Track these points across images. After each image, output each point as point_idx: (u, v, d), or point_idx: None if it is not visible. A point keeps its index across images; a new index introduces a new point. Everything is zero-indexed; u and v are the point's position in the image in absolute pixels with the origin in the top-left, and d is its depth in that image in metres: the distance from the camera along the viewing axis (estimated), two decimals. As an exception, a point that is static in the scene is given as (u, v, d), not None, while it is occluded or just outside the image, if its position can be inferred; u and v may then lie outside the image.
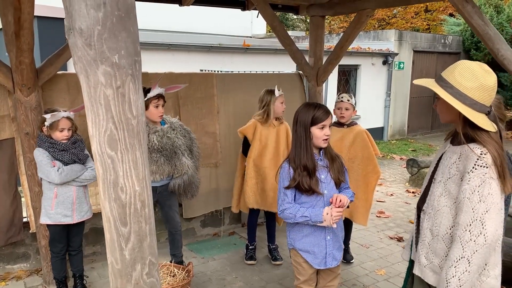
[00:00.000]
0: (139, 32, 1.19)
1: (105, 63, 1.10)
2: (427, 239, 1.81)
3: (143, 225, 1.23)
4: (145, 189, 1.22)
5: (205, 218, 4.41)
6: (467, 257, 1.60)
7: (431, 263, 1.79)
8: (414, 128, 11.63)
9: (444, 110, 1.76)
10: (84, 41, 1.09)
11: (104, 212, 1.21)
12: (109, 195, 1.18)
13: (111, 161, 1.16)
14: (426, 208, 1.84)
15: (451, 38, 11.95)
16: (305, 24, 25.16)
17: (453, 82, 1.66)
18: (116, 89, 1.12)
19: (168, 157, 3.08)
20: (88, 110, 1.14)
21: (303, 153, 2.19)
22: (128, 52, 1.12)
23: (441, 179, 1.77)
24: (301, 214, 2.19)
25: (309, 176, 2.17)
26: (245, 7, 4.47)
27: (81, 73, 1.13)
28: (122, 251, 1.22)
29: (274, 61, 8.45)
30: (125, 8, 1.11)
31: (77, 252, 3.17)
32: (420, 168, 6.57)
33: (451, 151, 1.78)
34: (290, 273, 3.57)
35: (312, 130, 2.19)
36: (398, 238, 4.40)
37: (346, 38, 4.03)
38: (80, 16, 1.08)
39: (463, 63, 1.69)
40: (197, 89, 4.05)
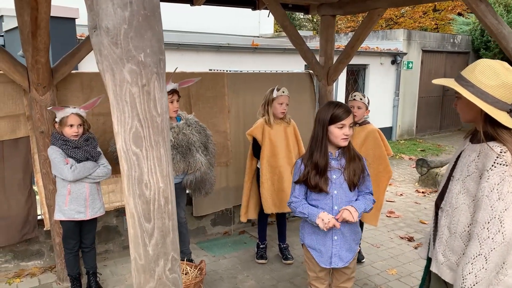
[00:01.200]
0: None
1: (131, 62, 1.12)
2: (445, 237, 1.81)
3: (166, 221, 1.24)
4: (169, 186, 1.24)
5: (215, 216, 4.43)
6: (484, 254, 1.60)
7: (448, 260, 1.79)
8: (423, 128, 11.58)
9: (465, 109, 1.76)
10: (111, 40, 1.11)
11: (128, 208, 1.23)
12: (134, 191, 1.20)
13: (136, 158, 1.18)
14: (444, 205, 1.84)
15: (460, 38, 11.88)
16: (312, 24, 25.12)
17: (474, 80, 1.66)
18: (142, 87, 1.14)
19: (183, 153, 3.10)
20: (114, 108, 1.16)
21: (317, 151, 2.19)
22: (153, 50, 1.14)
23: (459, 176, 1.77)
24: (301, 209, 2.22)
25: (319, 174, 2.18)
26: (256, 7, 4.49)
27: (106, 71, 1.15)
28: (146, 247, 1.23)
29: (282, 60, 8.46)
30: (150, 7, 1.12)
31: (90, 249, 3.21)
32: (430, 168, 6.54)
33: (470, 149, 1.77)
34: (301, 272, 3.58)
35: (331, 128, 2.18)
36: (408, 238, 4.39)
37: (357, 37, 4.03)
38: (107, 15, 1.10)
39: (483, 61, 1.69)
40: (208, 88, 4.07)
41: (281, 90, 3.49)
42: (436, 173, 6.37)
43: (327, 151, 2.20)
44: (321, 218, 2.14)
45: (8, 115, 3.18)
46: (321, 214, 2.16)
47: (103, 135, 3.52)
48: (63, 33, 6.13)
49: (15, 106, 3.20)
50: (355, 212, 2.15)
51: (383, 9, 3.75)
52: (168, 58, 4.76)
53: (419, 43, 10.85)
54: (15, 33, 5.56)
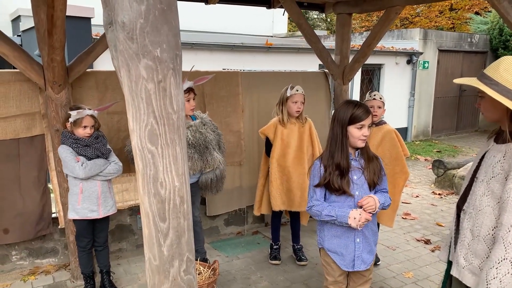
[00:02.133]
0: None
1: (147, 57, 1.09)
2: (467, 240, 1.75)
3: (181, 221, 1.22)
4: (184, 185, 1.21)
5: (228, 216, 4.41)
6: (509, 258, 1.54)
7: (470, 264, 1.73)
8: (439, 128, 11.39)
9: (490, 109, 1.70)
10: (126, 35, 1.08)
11: (143, 207, 1.20)
12: (149, 190, 1.17)
13: (151, 156, 1.15)
14: (467, 208, 1.78)
15: (478, 37, 11.66)
16: (326, 24, 24.97)
17: (499, 79, 1.60)
18: (158, 83, 1.11)
19: (200, 152, 3.09)
20: (129, 104, 1.14)
21: (337, 152, 2.14)
22: (170, 46, 1.11)
23: (484, 178, 1.70)
24: (327, 212, 2.15)
25: (341, 176, 2.13)
26: (271, 5, 4.45)
27: (122, 67, 1.12)
28: (161, 247, 1.21)
29: (296, 60, 8.40)
30: (167, 1, 1.10)
31: (103, 248, 3.21)
32: (447, 170, 6.41)
33: (495, 149, 1.71)
34: (315, 274, 3.53)
35: (350, 129, 2.14)
36: (425, 240, 4.29)
37: (373, 36, 3.96)
38: (122, 10, 1.07)
39: (507, 58, 1.63)
40: (222, 88, 4.04)
41: (295, 89, 3.44)
42: (453, 175, 6.24)
43: (348, 152, 2.16)
44: (352, 217, 2.09)
45: (24, 113, 3.20)
46: (352, 212, 2.10)
47: (117, 134, 3.52)
48: (79, 32, 6.18)
49: (31, 104, 3.21)
50: (374, 199, 2.10)
51: (401, 6, 3.67)
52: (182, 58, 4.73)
53: (436, 43, 10.68)
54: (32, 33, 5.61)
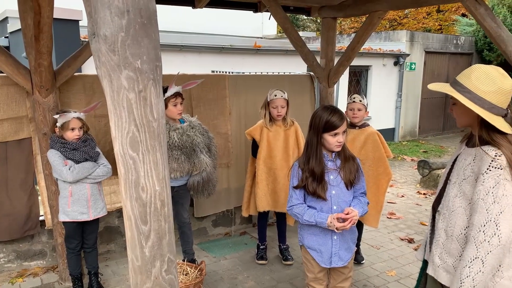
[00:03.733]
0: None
1: (128, 68, 1.15)
2: (442, 239, 1.83)
3: (162, 224, 1.27)
4: (165, 189, 1.27)
5: (216, 217, 4.47)
6: (481, 257, 1.62)
7: (445, 263, 1.81)
8: (426, 129, 11.57)
9: (462, 115, 1.78)
10: (108, 47, 1.14)
11: (125, 211, 1.26)
12: (131, 194, 1.23)
13: (132, 162, 1.21)
14: (441, 209, 1.86)
15: (464, 39, 11.86)
16: (316, 25, 25.13)
17: (471, 87, 1.68)
18: (138, 93, 1.17)
19: (187, 154, 3.15)
20: (111, 113, 1.19)
21: (312, 158, 2.22)
22: (150, 57, 1.17)
23: (456, 180, 1.79)
24: (307, 218, 2.23)
25: (316, 181, 2.21)
26: (257, 9, 4.52)
27: (104, 77, 1.18)
28: (142, 249, 1.26)
29: (285, 62, 8.48)
30: (147, 16, 1.15)
31: (92, 249, 3.25)
32: (432, 170, 6.54)
33: (466, 152, 1.80)
34: (301, 273, 3.60)
35: (325, 136, 2.21)
36: (409, 239, 4.40)
37: (357, 40, 4.05)
38: (104, 23, 1.13)
39: (479, 67, 1.71)
40: (209, 91, 4.10)
41: (274, 93, 3.50)
42: (438, 175, 6.37)
43: (323, 158, 2.23)
44: (329, 222, 2.18)
45: (11, 117, 3.23)
46: (330, 217, 2.18)
47: (105, 137, 3.56)
48: (67, 35, 6.19)
49: (18, 108, 3.24)
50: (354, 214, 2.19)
51: (383, 11, 3.77)
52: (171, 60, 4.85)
53: (422, 44, 10.85)
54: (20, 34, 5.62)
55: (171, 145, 3.08)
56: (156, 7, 1.22)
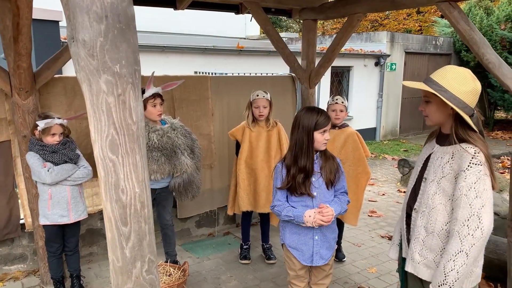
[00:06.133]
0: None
1: (107, 73, 1.17)
2: (421, 236, 1.88)
3: (142, 225, 1.30)
4: (145, 191, 1.29)
5: (200, 218, 4.48)
6: (465, 250, 1.68)
7: (426, 259, 1.87)
8: (406, 128, 11.78)
9: (435, 113, 1.84)
10: (87, 52, 1.16)
11: (105, 213, 1.28)
12: (111, 196, 1.25)
13: (112, 165, 1.23)
14: (419, 207, 1.91)
15: (442, 40, 12.11)
16: (298, 26, 25.28)
17: (447, 86, 1.75)
18: (117, 96, 1.19)
19: (168, 156, 3.15)
20: (91, 117, 1.21)
21: (304, 157, 2.27)
22: (129, 62, 1.19)
23: (434, 178, 1.84)
24: (285, 213, 2.29)
25: (306, 178, 2.26)
26: (239, 11, 4.54)
27: (84, 81, 1.20)
28: (123, 250, 1.28)
29: (267, 63, 8.53)
30: (125, 21, 1.18)
31: (73, 252, 3.23)
32: (411, 168, 6.67)
33: (441, 151, 1.86)
34: (283, 272, 3.65)
35: (314, 134, 2.28)
36: (389, 237, 4.49)
37: (337, 41, 4.12)
38: (83, 28, 1.15)
39: (453, 68, 1.79)
40: (192, 92, 4.12)
41: (256, 94, 3.55)
42: (418, 173, 6.51)
43: (313, 156, 2.29)
44: (307, 215, 2.23)
45: (-10, 119, 3.19)
46: (307, 212, 2.24)
47: (87, 139, 3.54)
48: (47, 36, 6.11)
49: (-3, 111, 3.20)
50: (331, 211, 2.24)
51: (362, 13, 3.84)
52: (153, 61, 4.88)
53: (402, 45, 11.04)
54: None
55: (151, 147, 3.08)
56: (135, 11, 1.24)
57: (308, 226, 2.27)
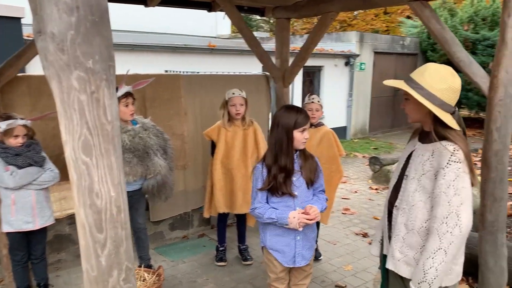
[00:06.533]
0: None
1: (78, 68, 1.09)
2: (402, 234, 1.88)
3: (119, 231, 1.22)
4: (121, 194, 1.22)
5: (173, 221, 4.38)
6: (444, 248, 1.68)
7: (406, 256, 1.87)
8: (375, 127, 12.00)
9: (414, 111, 1.85)
10: (56, 46, 1.07)
11: (78, 219, 1.19)
12: (84, 201, 1.17)
13: (85, 167, 1.15)
14: (399, 204, 1.91)
15: (409, 40, 12.42)
16: (269, 25, 25.35)
17: (424, 83, 1.75)
18: (91, 94, 1.11)
19: (140, 157, 3.05)
20: (61, 116, 1.13)
21: (283, 156, 2.23)
22: (102, 57, 1.12)
23: (414, 175, 1.85)
24: (268, 215, 2.24)
25: (286, 177, 2.23)
26: (211, 9, 4.47)
27: (53, 78, 1.11)
28: (98, 258, 1.20)
29: (239, 62, 8.48)
30: (99, 13, 1.10)
31: (40, 260, 3.07)
32: (382, 166, 6.79)
33: (422, 148, 1.86)
34: (260, 273, 3.61)
35: (294, 133, 2.25)
36: (363, 234, 4.53)
37: (310, 41, 4.11)
38: (52, 21, 1.06)
39: (432, 66, 1.79)
40: (164, 91, 4.01)
41: (232, 92, 3.50)
42: (388, 170, 6.62)
43: (293, 155, 2.26)
44: (292, 217, 2.20)
45: None
46: (291, 213, 2.21)
47: (53, 140, 3.38)
48: (9, 33, 5.82)
49: (-46, 111, 3.00)
50: (316, 211, 2.22)
51: (336, 12, 3.85)
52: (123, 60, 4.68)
53: (371, 45, 11.23)
54: (-46, 32, 5.23)
55: (122, 148, 2.97)
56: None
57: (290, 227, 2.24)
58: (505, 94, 2.78)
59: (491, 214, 2.90)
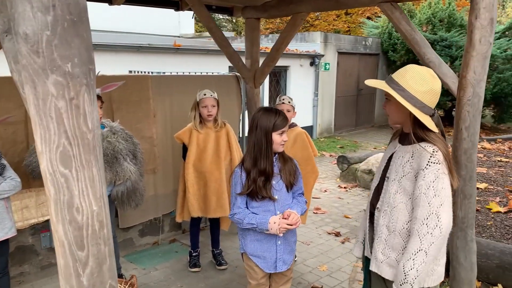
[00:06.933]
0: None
1: (56, 73, 0.99)
2: (384, 235, 1.88)
3: (102, 247, 1.13)
4: (103, 208, 1.13)
5: (143, 227, 4.23)
6: (424, 249, 1.69)
7: (388, 258, 1.87)
8: (340, 126, 12.20)
9: (395, 112, 1.85)
10: (30, 48, 0.97)
11: (57, 236, 1.09)
12: (63, 217, 1.07)
13: (64, 180, 1.05)
14: (381, 205, 1.91)
15: (371, 40, 12.72)
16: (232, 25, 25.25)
17: (405, 85, 1.75)
18: (70, 100, 1.02)
19: (109, 163, 2.91)
20: (36, 124, 1.02)
21: (263, 159, 2.19)
22: (82, 60, 1.03)
23: (395, 177, 1.85)
24: (248, 220, 2.19)
25: (266, 181, 2.18)
26: (179, 8, 4.36)
27: (26, 83, 1.01)
28: (79, 277, 1.11)
29: (205, 61, 8.36)
30: (77, 12, 1.01)
31: (2, 275, 2.87)
32: (350, 164, 6.90)
33: (402, 150, 1.87)
34: (236, 277, 3.55)
35: (272, 135, 2.21)
36: (335, 233, 4.57)
37: (281, 41, 4.09)
38: (24, 20, 0.96)
39: (413, 68, 1.80)
40: (132, 93, 3.87)
41: (203, 93, 3.42)
42: (356, 169, 6.74)
43: (273, 158, 2.22)
44: (272, 222, 2.15)
45: None
46: (271, 218, 2.16)
47: (14, 146, 3.18)
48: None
49: None
50: (296, 216, 2.19)
51: (306, 13, 3.85)
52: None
53: (335, 45, 11.41)
54: None
55: None
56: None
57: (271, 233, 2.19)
58: (473, 94, 2.86)
59: (461, 211, 2.98)
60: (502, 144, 8.84)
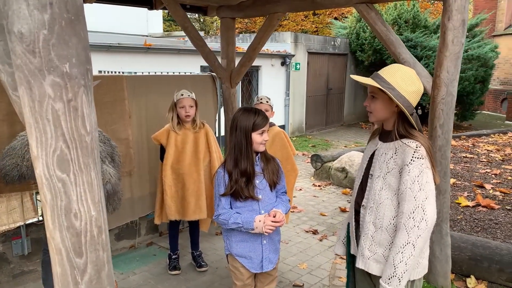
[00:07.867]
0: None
1: (53, 73, 0.95)
2: (370, 232, 1.92)
3: (100, 253, 1.10)
4: (102, 213, 1.10)
5: (119, 230, 4.13)
6: (412, 242, 1.74)
7: (375, 254, 1.90)
8: (311, 125, 12.35)
9: (381, 109, 1.88)
10: (26, 47, 0.93)
11: (53, 243, 1.05)
12: (60, 223, 1.03)
13: (62, 185, 1.01)
14: (366, 203, 1.95)
15: (340, 41, 12.94)
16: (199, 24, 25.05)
17: (395, 85, 1.80)
18: (67, 102, 0.98)
19: None
20: (32, 127, 0.98)
21: (244, 159, 2.18)
22: (80, 60, 0.99)
23: (379, 174, 1.89)
24: (233, 220, 2.19)
25: (248, 181, 2.17)
26: (153, 7, 4.29)
27: (21, 84, 0.96)
28: (77, 285, 1.07)
29: (176, 61, 8.26)
30: (74, 10, 0.97)
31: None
32: (323, 163, 6.99)
33: (384, 147, 1.91)
34: (217, 279, 3.53)
35: (252, 135, 2.20)
36: (313, 231, 4.62)
37: (258, 41, 4.11)
38: (20, 18, 0.92)
39: (401, 68, 1.84)
40: (106, 93, 3.76)
41: (180, 93, 3.38)
42: (329, 167, 6.84)
43: (253, 158, 2.21)
44: (258, 220, 2.15)
45: None
46: (257, 217, 2.16)
47: (-18, 150, 3.02)
48: None
49: None
50: (281, 215, 2.20)
51: (282, 13, 3.88)
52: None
53: (305, 45, 11.54)
54: None
55: None
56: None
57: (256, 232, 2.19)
58: (447, 93, 2.97)
59: (437, 206, 3.08)
60: (466, 140, 9.22)
